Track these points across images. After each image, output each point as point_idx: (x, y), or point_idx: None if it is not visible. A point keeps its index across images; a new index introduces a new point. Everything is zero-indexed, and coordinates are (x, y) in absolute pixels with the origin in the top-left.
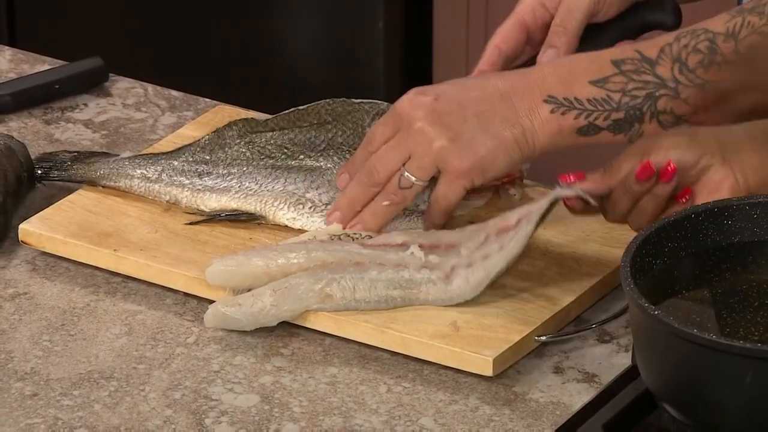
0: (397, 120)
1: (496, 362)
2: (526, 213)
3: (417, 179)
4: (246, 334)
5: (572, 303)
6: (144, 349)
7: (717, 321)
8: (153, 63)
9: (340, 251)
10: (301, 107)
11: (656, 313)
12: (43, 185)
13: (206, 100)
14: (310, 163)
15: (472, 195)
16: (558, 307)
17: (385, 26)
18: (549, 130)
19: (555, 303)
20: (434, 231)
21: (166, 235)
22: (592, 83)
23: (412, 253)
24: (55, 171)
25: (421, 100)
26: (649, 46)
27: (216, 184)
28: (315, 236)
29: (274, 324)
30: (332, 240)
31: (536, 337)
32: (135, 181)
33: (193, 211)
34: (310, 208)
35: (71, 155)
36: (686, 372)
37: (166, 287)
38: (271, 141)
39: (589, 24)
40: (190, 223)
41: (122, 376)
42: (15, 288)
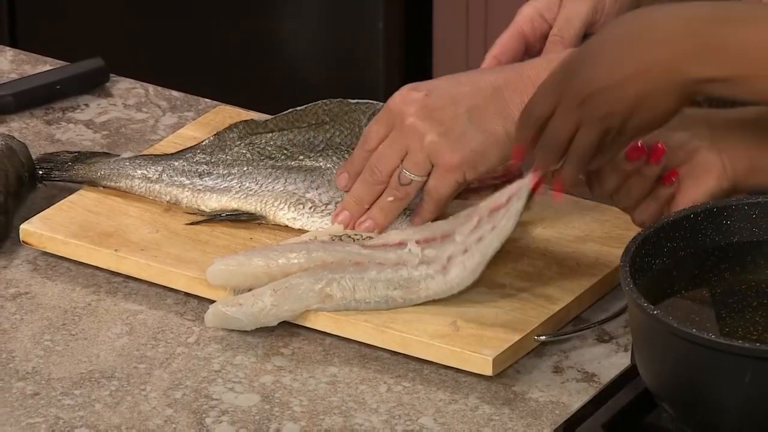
0: (390, 116)
1: (496, 362)
2: (516, 189)
3: (415, 175)
4: (246, 333)
5: (572, 303)
6: (145, 348)
7: (716, 321)
8: (153, 63)
9: (340, 251)
10: (299, 108)
11: (655, 312)
12: (44, 185)
13: (207, 100)
14: (309, 164)
15: (471, 195)
16: (557, 307)
17: (385, 26)
18: None
19: (554, 303)
20: (428, 224)
21: (167, 235)
22: None
23: (409, 250)
24: (56, 171)
25: (412, 96)
26: None
27: (216, 184)
28: (316, 236)
29: (275, 324)
30: (333, 240)
31: (536, 337)
32: (136, 182)
33: (194, 211)
34: (310, 208)
35: (72, 155)
36: (685, 371)
37: (166, 287)
38: (271, 142)
39: (587, 33)
40: (190, 223)
41: (123, 376)
42: (16, 288)
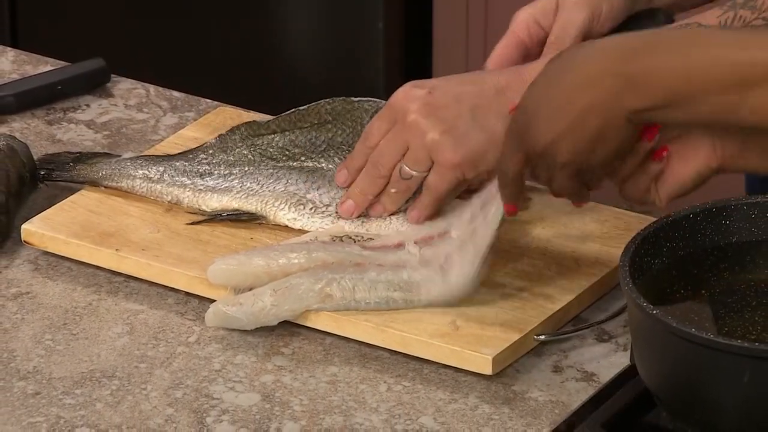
0: (392, 113)
1: (496, 361)
2: None
3: (415, 171)
4: (247, 333)
5: (571, 302)
6: (145, 348)
7: (715, 320)
8: (154, 64)
9: (340, 252)
10: (301, 108)
11: (654, 312)
12: (45, 185)
13: (207, 101)
14: (311, 164)
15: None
16: (557, 307)
17: (385, 26)
18: None
19: (554, 302)
20: (426, 223)
21: (168, 234)
22: None
23: (408, 251)
24: (57, 172)
25: (415, 93)
26: None
27: (217, 184)
28: (316, 237)
29: (275, 323)
30: (333, 241)
31: (535, 336)
32: (137, 182)
33: (195, 211)
34: (310, 208)
35: (73, 156)
36: (684, 371)
37: (167, 287)
38: (273, 143)
39: (584, 40)
40: (191, 223)
41: (124, 375)
42: (17, 287)
